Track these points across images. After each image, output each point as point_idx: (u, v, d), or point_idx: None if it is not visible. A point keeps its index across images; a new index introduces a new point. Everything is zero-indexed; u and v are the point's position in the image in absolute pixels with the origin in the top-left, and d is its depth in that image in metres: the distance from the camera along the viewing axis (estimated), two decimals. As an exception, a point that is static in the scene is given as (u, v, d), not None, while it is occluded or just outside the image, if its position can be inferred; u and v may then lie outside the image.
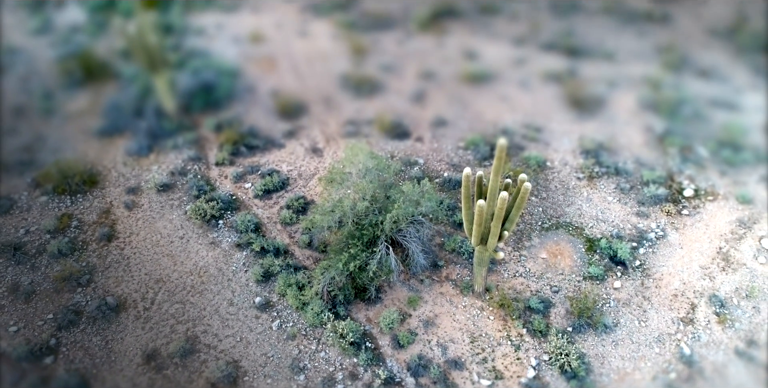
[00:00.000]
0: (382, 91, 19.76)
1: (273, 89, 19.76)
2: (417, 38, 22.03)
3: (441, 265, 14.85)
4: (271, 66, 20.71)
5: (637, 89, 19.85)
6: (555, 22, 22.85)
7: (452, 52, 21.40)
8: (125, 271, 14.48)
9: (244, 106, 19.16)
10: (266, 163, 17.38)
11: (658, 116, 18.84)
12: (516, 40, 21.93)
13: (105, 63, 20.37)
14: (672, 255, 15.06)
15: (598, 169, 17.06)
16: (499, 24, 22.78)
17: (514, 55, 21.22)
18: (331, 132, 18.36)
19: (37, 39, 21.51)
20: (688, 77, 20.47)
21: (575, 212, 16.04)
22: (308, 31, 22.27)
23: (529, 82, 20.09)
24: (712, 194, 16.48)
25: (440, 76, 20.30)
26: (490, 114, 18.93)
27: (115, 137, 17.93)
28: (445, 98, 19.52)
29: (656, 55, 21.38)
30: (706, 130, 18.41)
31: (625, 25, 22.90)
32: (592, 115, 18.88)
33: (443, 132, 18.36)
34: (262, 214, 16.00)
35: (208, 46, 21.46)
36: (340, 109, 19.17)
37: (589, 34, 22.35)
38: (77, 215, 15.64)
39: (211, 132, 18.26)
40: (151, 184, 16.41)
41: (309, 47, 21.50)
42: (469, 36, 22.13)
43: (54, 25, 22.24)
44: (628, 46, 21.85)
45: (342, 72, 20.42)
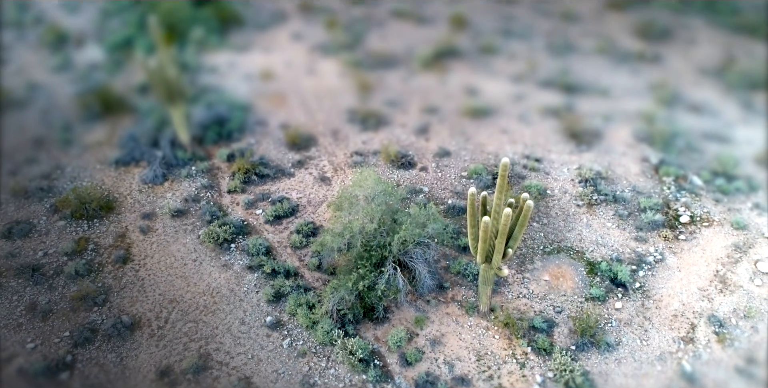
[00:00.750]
0: (387, 124, 20.58)
1: (283, 122, 20.59)
2: (420, 76, 23.05)
3: (447, 286, 15.28)
4: (281, 101, 21.62)
5: (632, 123, 20.70)
6: (551, 61, 23.94)
7: (454, 88, 22.36)
8: (140, 291, 14.90)
9: (256, 138, 19.94)
10: (276, 190, 18.02)
11: (652, 148, 19.59)
12: (515, 77, 22.94)
13: (122, 98, 21.27)
14: (671, 278, 15.52)
15: (597, 197, 17.69)
16: (499, 63, 23.86)
17: (513, 91, 22.18)
18: (339, 162, 19.08)
19: (57, 76, 22.51)
20: (680, 112, 21.36)
21: (576, 237, 16.58)
22: (316, 70, 23.29)
23: (528, 116, 20.96)
24: (707, 220, 17.05)
25: (443, 111, 21.18)
26: (492, 146, 19.70)
27: (131, 167, 18.63)
28: (448, 131, 20.33)
29: (649, 92, 22.35)
30: (700, 161, 19.14)
31: (618, 64, 23.99)
32: (589, 147, 19.64)
33: (447, 162, 19.09)
34: (272, 238, 16.53)
35: (221, 82, 22.44)
36: (347, 140, 19.94)
37: (584, 72, 23.40)
38: (94, 239, 16.17)
39: (223, 162, 18.97)
40: (165, 210, 17.00)
41: (317, 84, 22.48)
42: (470, 74, 23.17)
43: (74, 62, 23.29)
44: (622, 83, 22.86)
45: (349, 107, 21.30)
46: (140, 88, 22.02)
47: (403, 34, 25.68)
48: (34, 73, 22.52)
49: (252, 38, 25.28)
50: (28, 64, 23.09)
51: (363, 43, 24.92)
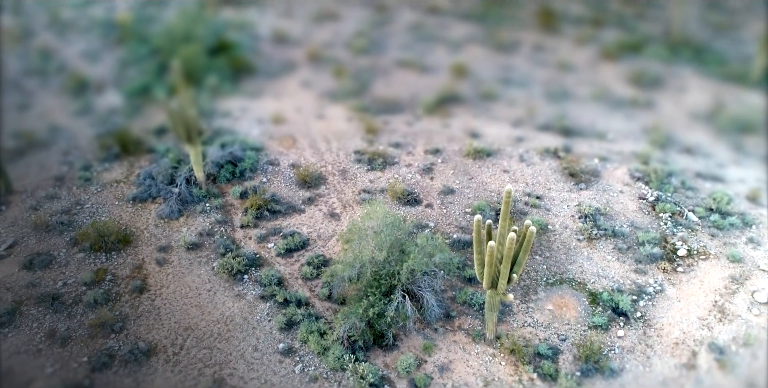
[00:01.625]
0: (393, 164, 21.46)
1: (293, 163, 21.48)
2: (424, 120, 24.14)
3: (453, 315, 15.75)
4: (291, 143, 22.59)
5: (628, 163, 21.58)
6: (549, 106, 25.12)
7: (457, 131, 23.40)
8: (156, 319, 15.36)
9: (267, 177, 20.77)
10: (288, 226, 18.71)
11: (648, 186, 20.38)
12: (514, 121, 24.03)
13: (139, 139, 22.25)
14: (671, 307, 16.00)
15: (597, 232, 18.36)
16: (499, 108, 25.02)
17: (514, 134, 23.19)
18: (348, 199, 19.85)
19: (78, 119, 23.60)
20: (674, 153, 22.30)
21: (577, 269, 17.16)
22: (325, 114, 24.41)
23: (528, 157, 21.88)
24: (704, 253, 17.66)
25: (447, 152, 22.11)
26: (494, 184, 20.52)
27: (148, 203, 19.38)
28: (452, 171, 21.19)
29: (643, 135, 23.38)
30: (695, 199, 19.90)
31: (613, 109, 25.15)
32: (588, 185, 20.44)
33: (451, 200, 19.86)
34: (284, 270, 17.11)
35: (234, 126, 23.50)
36: (355, 179, 20.78)
37: (581, 117, 24.52)
38: (111, 270, 16.74)
39: (236, 199, 19.74)
40: (180, 243, 17.65)
41: (326, 127, 23.53)
42: (472, 118, 24.27)
43: (94, 107, 24.45)
44: (617, 127, 23.93)
45: (356, 148, 22.23)
46: (157, 131, 23.05)
47: (407, 82, 26.99)
48: (57, 117, 23.61)
49: (263, 86, 26.56)
50: (51, 108, 24.23)
51: (369, 90, 26.17)
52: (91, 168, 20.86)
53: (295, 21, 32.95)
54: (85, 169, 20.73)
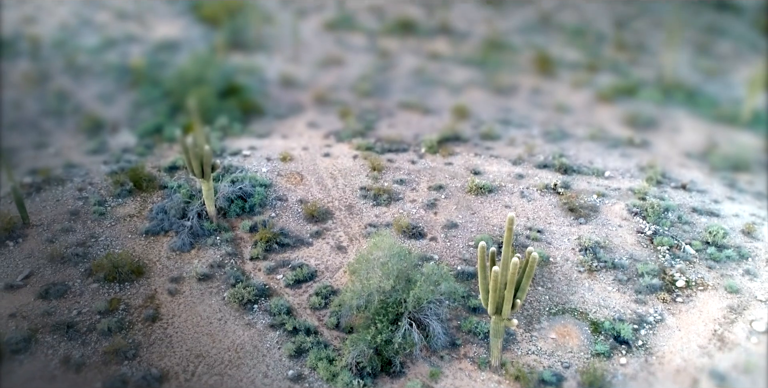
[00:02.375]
0: (398, 200, 22.14)
1: (301, 198, 22.15)
2: (427, 158, 24.95)
3: (459, 343, 16.11)
4: (299, 180, 23.33)
5: (625, 199, 22.26)
6: (548, 145, 25.99)
7: (459, 169, 24.16)
8: (168, 347, 15.71)
9: (276, 212, 21.42)
10: (296, 258, 19.25)
11: (646, 221, 21.01)
12: (514, 160, 24.82)
13: (151, 176, 22.97)
14: (671, 336, 16.38)
15: (597, 264, 18.88)
16: (499, 147, 25.88)
17: (514, 171, 23.96)
18: (354, 233, 20.45)
19: (93, 157, 24.40)
20: (669, 190, 23.01)
21: (579, 300, 17.60)
22: (331, 153, 25.22)
23: (528, 193, 22.58)
24: (702, 284, 18.14)
25: (449, 188, 22.83)
26: (496, 219, 21.15)
27: (160, 236, 19.96)
28: (455, 206, 21.86)
29: (640, 173, 24.14)
30: (691, 232, 20.49)
31: (610, 149, 26.01)
32: (587, 220, 21.07)
33: (454, 233, 20.45)
34: (293, 300, 17.55)
35: (243, 163, 24.27)
36: (361, 214, 21.42)
37: (578, 155, 25.36)
38: (125, 300, 17.18)
39: (246, 233, 20.34)
40: (192, 274, 18.15)
41: (332, 165, 24.31)
42: (473, 157, 25.08)
43: (108, 146, 25.30)
44: (614, 165, 24.73)
45: (362, 185, 22.96)
46: (168, 168, 23.82)
47: (410, 122, 27.99)
48: (72, 155, 24.43)
49: (272, 126, 27.54)
50: (67, 147, 25.09)
51: (374, 130, 27.10)
52: (106, 203, 21.51)
53: (301, 66, 34.30)
54: (99, 204, 21.37)
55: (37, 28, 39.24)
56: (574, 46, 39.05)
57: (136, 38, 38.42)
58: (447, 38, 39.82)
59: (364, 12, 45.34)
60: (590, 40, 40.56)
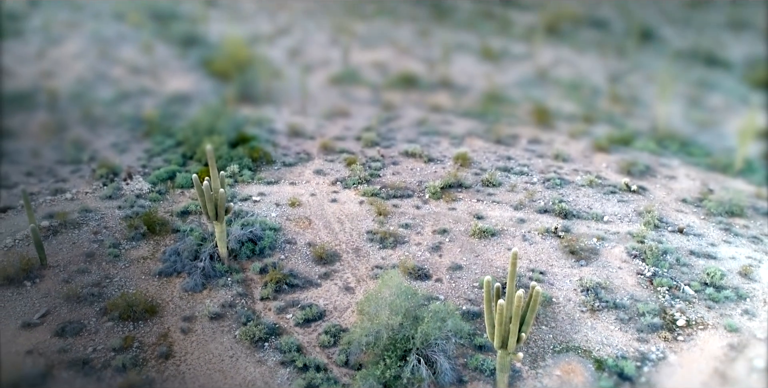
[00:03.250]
0: (403, 243, 22.82)
1: (309, 242, 22.84)
2: (431, 204, 25.77)
3: (466, 380, 16.45)
4: (307, 224, 24.07)
5: (624, 242, 22.93)
6: (548, 192, 26.85)
7: (462, 214, 24.94)
8: (181, 383, 16.05)
9: (285, 254, 22.06)
10: (305, 298, 19.76)
11: (645, 263, 21.63)
12: (516, 205, 25.63)
13: (164, 220, 23.72)
14: (674, 373, 16.73)
15: (599, 304, 19.38)
16: (501, 194, 26.72)
17: (516, 216, 24.73)
18: (361, 275, 21.02)
19: (108, 202, 25.20)
20: (667, 233, 23.70)
21: (582, 338, 18.01)
22: (338, 199, 26.06)
23: (530, 236, 23.27)
24: (702, 323, 18.59)
25: (453, 232, 23.54)
26: (499, 261, 21.77)
27: (173, 277, 20.55)
28: (459, 249, 22.51)
29: (637, 218, 24.89)
30: (690, 274, 21.07)
31: (608, 195, 26.84)
32: (588, 262, 21.69)
33: (459, 275, 21.03)
34: (302, 339, 17.96)
35: (253, 208, 25.07)
36: (368, 257, 22.05)
37: (577, 201, 26.17)
38: (139, 337, 17.60)
39: (256, 274, 20.93)
40: (204, 313, 18.64)
41: (339, 210, 25.11)
42: (476, 202, 25.90)
43: (122, 192, 26.16)
44: (613, 210, 25.51)
45: (369, 229, 23.68)
46: (180, 213, 24.60)
47: (414, 170, 28.95)
48: (88, 201, 25.25)
49: (280, 174, 28.47)
50: (83, 193, 25.94)
51: (379, 178, 28.02)
52: (120, 246, 22.17)
53: (308, 117, 35.63)
54: (114, 246, 22.02)
55: (55, 81, 40.92)
56: (570, 99, 40.61)
57: (150, 91, 40.01)
58: (448, 92, 41.43)
59: (367, 67, 47.31)
60: (586, 93, 42.20)
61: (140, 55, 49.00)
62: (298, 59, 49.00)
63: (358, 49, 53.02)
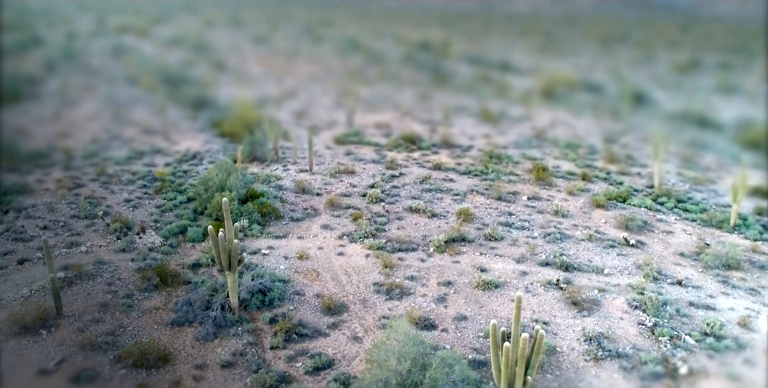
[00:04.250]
0: (409, 295, 23.41)
1: (318, 293, 23.43)
2: (435, 257, 26.50)
3: (473, 427, 16.68)
4: (315, 276, 24.72)
5: (625, 294, 23.51)
6: (548, 246, 27.63)
7: (466, 267, 25.63)
8: (193, 429, 16.29)
9: (294, 305, 22.60)
10: (314, 347, 20.18)
11: (646, 314, 22.14)
12: (518, 258, 26.35)
13: (176, 273, 24.39)
14: (678, 420, 16.98)
15: (602, 353, 19.79)
16: (503, 247, 27.50)
17: (518, 269, 25.41)
18: (369, 325, 21.50)
19: (121, 255, 25.94)
20: (666, 286, 24.31)
21: (587, 386, 18.34)
22: (345, 252, 26.82)
23: (533, 288, 23.88)
24: (704, 372, 18.96)
25: (458, 284, 24.16)
26: (504, 312, 22.30)
27: (185, 327, 21.01)
28: (464, 300, 23.08)
29: (637, 270, 25.56)
30: (690, 324, 21.55)
31: (607, 249, 27.62)
32: (590, 313, 22.21)
33: (465, 325, 21.52)
34: (312, 386, 18.28)
35: (262, 261, 25.78)
36: (375, 307, 22.59)
37: (578, 254, 26.91)
38: (152, 385, 17.95)
39: (266, 324, 21.40)
40: (216, 361, 19.03)
41: (346, 263, 25.81)
42: (479, 256, 26.64)
43: (135, 246, 26.93)
44: (612, 263, 26.21)
45: (375, 281, 24.32)
46: (192, 265, 25.29)
47: (418, 225, 29.83)
48: (102, 254, 25.99)
49: (288, 228, 29.34)
50: (97, 246, 26.71)
51: (385, 232, 28.87)
52: (133, 296, 22.74)
53: (315, 175, 36.83)
54: (127, 297, 22.60)
55: (70, 141, 42.50)
56: (568, 158, 42.01)
57: (161, 150, 41.48)
58: (449, 151, 42.90)
59: (371, 128, 49.09)
60: (582, 153, 43.66)
61: (152, 117, 50.97)
62: (305, 120, 50.92)
63: (361, 111, 55.16)
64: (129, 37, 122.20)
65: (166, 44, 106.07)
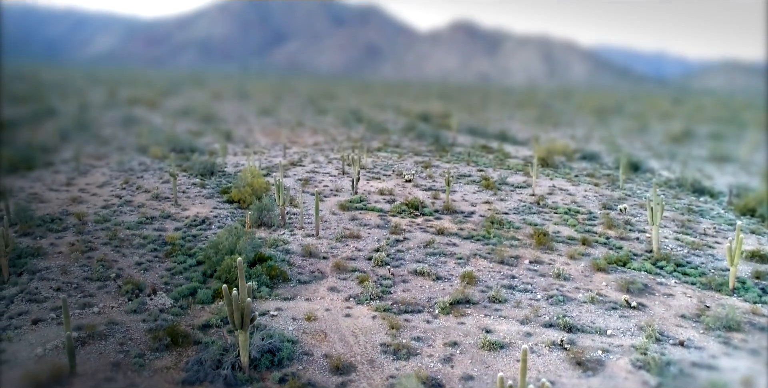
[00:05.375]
0: (416, 355, 23.78)
1: (326, 353, 23.81)
2: (441, 318, 27.00)
3: None
4: (323, 337, 25.16)
5: (628, 355, 23.89)
6: (551, 308, 28.17)
7: (471, 328, 26.09)
8: None
9: (303, 365, 22.95)
10: (323, 406, 20.42)
11: (650, 374, 22.46)
12: (522, 320, 26.85)
13: (187, 333, 24.85)
14: None
15: (608, 412, 20.03)
16: (507, 309, 28.03)
17: (522, 330, 25.87)
18: (377, 385, 21.80)
19: (133, 316, 26.46)
20: (669, 346, 24.70)
21: (594, 445, 18.51)
22: (352, 314, 27.34)
23: (537, 349, 24.27)
24: (710, 431, 19.15)
25: (464, 345, 24.57)
26: (509, 371, 22.62)
27: (196, 385, 21.32)
28: (470, 360, 23.44)
29: (639, 332, 26.00)
30: (694, 384, 21.84)
31: (609, 311, 28.14)
32: (595, 373, 22.54)
33: (471, 385, 21.82)
34: (322, 444, 18.46)
35: (271, 323, 26.27)
36: (382, 368, 22.93)
37: (581, 316, 27.41)
38: (164, 442, 18.13)
39: (275, 383, 21.71)
40: (226, 419, 19.24)
41: (353, 324, 26.29)
42: (484, 317, 27.14)
43: (147, 307, 27.48)
44: (615, 325, 26.67)
45: (382, 341, 24.74)
46: (202, 326, 25.77)
47: (423, 287, 30.47)
48: (114, 315, 26.52)
49: (296, 291, 29.95)
50: (109, 307, 27.27)
51: (390, 294, 29.47)
52: (145, 356, 23.13)
53: (321, 240, 37.74)
54: (139, 356, 22.99)
55: (82, 207, 43.67)
56: (568, 224, 43.04)
57: (171, 216, 42.57)
58: (451, 217, 43.99)
59: (375, 194, 50.42)
60: (581, 218, 44.73)
61: (162, 184, 52.44)
62: (310, 187, 52.35)
63: (365, 179, 56.72)
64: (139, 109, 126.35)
65: (175, 115, 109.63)
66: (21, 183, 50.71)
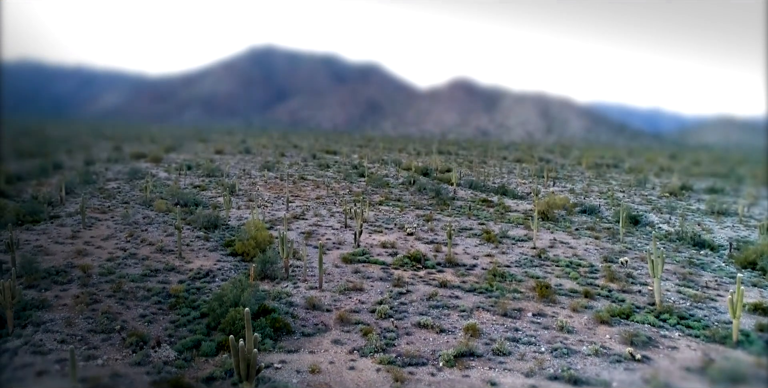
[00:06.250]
0: (421, 408, 23.65)
1: (330, 406, 23.69)
2: (445, 371, 26.93)
3: None
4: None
5: (634, 408, 23.77)
6: (556, 360, 28.12)
7: (476, 380, 26.01)
8: None
9: (307, 418, 22.81)
10: (328, 460, 20.22)
11: (657, 427, 22.32)
12: (527, 372, 26.77)
13: (191, 385, 24.77)
14: None
15: None
16: (511, 362, 27.98)
17: (527, 382, 25.77)
18: (382, 438, 21.63)
19: (137, 368, 26.39)
20: (675, 399, 24.60)
21: None
22: (356, 366, 27.28)
23: (543, 402, 24.16)
24: None
25: (469, 398, 24.45)
26: (515, 425, 22.48)
27: (200, 439, 21.16)
28: (475, 413, 23.30)
29: (645, 384, 25.90)
30: (701, 438, 21.68)
31: (614, 363, 28.08)
32: (601, 426, 22.38)
33: (477, 438, 21.64)
34: None
35: (275, 375, 26.21)
36: (387, 421, 22.78)
37: (585, 369, 27.34)
38: None
39: (279, 437, 21.54)
40: None
41: (358, 377, 26.21)
42: (488, 370, 27.07)
43: (150, 359, 27.44)
44: (620, 377, 26.59)
45: (386, 394, 24.65)
46: (205, 379, 25.70)
47: (427, 340, 30.47)
48: (118, 367, 26.48)
49: (300, 343, 29.96)
50: (113, 359, 27.24)
51: (394, 347, 29.46)
52: (148, 408, 23.02)
53: (324, 292, 37.90)
54: (142, 409, 22.89)
55: (87, 259, 43.99)
56: (569, 277, 43.23)
57: (175, 268, 42.82)
58: (454, 270, 44.24)
59: (377, 247, 50.80)
60: (583, 271, 44.95)
61: (166, 237, 52.89)
62: (313, 240, 52.77)
63: (368, 232, 57.23)
64: (144, 164, 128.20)
65: (179, 170, 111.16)
66: (27, 236, 51.18)
